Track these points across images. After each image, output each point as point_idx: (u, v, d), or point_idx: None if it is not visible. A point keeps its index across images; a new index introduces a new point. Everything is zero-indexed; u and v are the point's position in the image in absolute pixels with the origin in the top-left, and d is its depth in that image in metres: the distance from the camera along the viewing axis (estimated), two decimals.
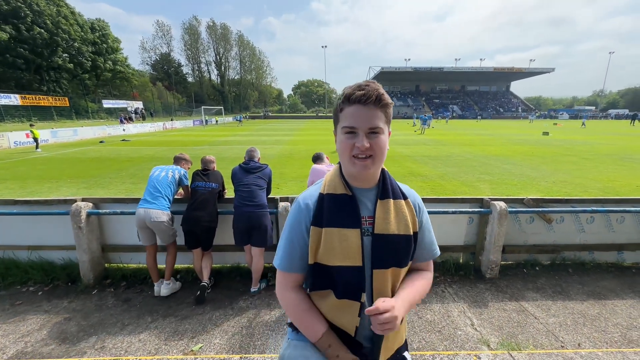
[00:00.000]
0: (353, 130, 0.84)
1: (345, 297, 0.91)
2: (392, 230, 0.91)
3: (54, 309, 2.88)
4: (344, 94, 0.85)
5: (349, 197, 0.92)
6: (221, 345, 2.41)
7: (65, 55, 43.22)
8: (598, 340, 2.45)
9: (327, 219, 0.90)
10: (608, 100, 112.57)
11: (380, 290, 0.91)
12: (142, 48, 77.78)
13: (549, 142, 18.07)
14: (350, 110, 0.84)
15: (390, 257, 0.91)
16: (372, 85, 0.84)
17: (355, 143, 0.83)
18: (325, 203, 0.92)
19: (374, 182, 0.96)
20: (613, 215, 3.58)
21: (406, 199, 0.98)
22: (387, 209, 0.92)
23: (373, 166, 0.87)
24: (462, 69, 70.01)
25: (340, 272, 0.89)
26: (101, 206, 3.36)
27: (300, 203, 0.96)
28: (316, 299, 0.98)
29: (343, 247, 0.88)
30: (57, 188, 7.60)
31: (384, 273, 0.90)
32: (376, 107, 0.83)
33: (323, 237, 0.89)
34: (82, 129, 22.07)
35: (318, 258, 0.91)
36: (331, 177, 0.97)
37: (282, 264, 0.96)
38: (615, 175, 8.98)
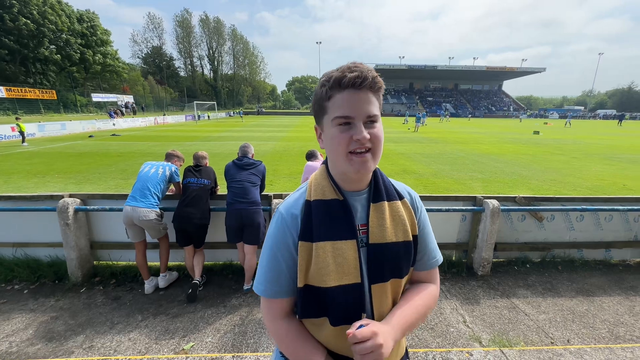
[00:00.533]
0: (348, 121, 0.70)
1: (344, 323, 0.77)
2: (390, 238, 0.79)
3: (40, 307, 2.80)
4: (332, 78, 0.70)
5: (340, 202, 0.78)
6: (213, 343, 2.38)
7: (53, 46, 42.08)
8: (586, 336, 2.50)
9: (318, 232, 0.76)
10: (597, 101, 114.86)
11: (380, 306, 0.79)
12: (132, 41, 76.11)
13: (539, 141, 18.35)
14: (343, 97, 0.70)
15: (389, 268, 0.79)
16: (362, 66, 0.71)
17: (353, 135, 0.69)
18: (314, 212, 0.77)
19: (366, 183, 0.82)
20: (602, 214, 3.64)
21: (402, 199, 0.85)
22: (382, 214, 0.79)
23: (373, 161, 0.73)
24: (455, 68, 70.44)
25: (337, 294, 0.75)
26: (89, 202, 3.28)
27: (284, 214, 0.79)
28: (310, 327, 0.83)
29: (339, 264, 0.75)
30: (44, 183, 7.41)
31: (383, 287, 0.79)
32: (371, 91, 0.71)
33: (314, 254, 0.75)
34: (70, 123, 21.54)
35: (309, 279, 0.77)
36: (317, 180, 0.82)
37: (268, 290, 0.79)
38: (603, 174, 9.16)
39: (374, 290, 0.78)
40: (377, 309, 0.79)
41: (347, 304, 0.77)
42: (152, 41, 77.96)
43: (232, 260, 3.50)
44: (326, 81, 0.71)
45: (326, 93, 0.72)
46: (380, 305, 0.80)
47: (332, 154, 0.76)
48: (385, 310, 0.81)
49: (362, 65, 0.71)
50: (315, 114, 0.78)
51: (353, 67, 0.70)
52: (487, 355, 2.27)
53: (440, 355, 2.27)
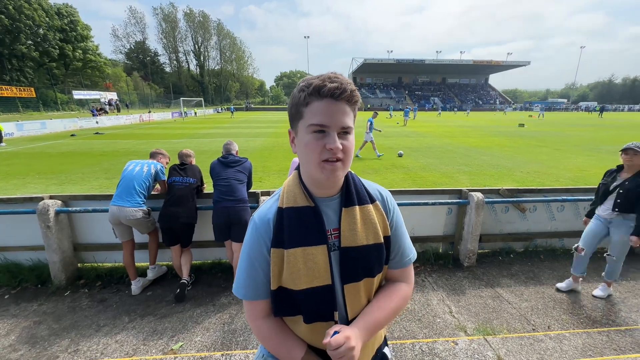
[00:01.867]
0: (323, 129, 0.71)
1: (317, 320, 0.82)
2: (361, 242, 0.81)
3: (22, 312, 2.73)
4: (312, 85, 0.71)
5: (311, 209, 0.80)
6: (202, 342, 2.38)
7: (30, 42, 40.45)
8: (566, 322, 2.60)
9: (289, 239, 0.79)
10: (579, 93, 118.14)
11: (353, 304, 0.83)
12: (114, 36, 73.90)
13: (524, 134, 18.77)
14: (320, 105, 0.71)
15: (361, 269, 0.83)
16: (341, 78, 0.73)
17: (326, 144, 0.71)
18: (286, 219, 0.80)
19: (338, 188, 0.84)
20: (581, 204, 3.77)
21: (374, 202, 0.87)
22: (353, 218, 0.82)
23: (343, 170, 0.76)
24: (442, 62, 71.08)
25: (308, 295, 0.79)
26: (71, 204, 3.19)
27: (257, 221, 0.83)
28: (288, 323, 0.88)
29: (309, 268, 0.78)
30: (23, 185, 7.17)
31: (356, 286, 0.83)
32: (348, 103, 0.73)
33: (286, 260, 0.79)
34: (51, 122, 20.81)
35: (282, 282, 0.81)
36: (290, 187, 0.84)
37: (247, 293, 0.83)
38: (584, 165, 9.46)
39: (346, 290, 0.82)
40: (350, 307, 0.83)
41: (319, 304, 0.81)
42: (134, 36, 76.01)
43: (221, 258, 3.48)
44: (305, 87, 0.72)
45: (304, 99, 0.72)
46: (354, 303, 0.84)
47: (304, 160, 0.77)
48: (358, 307, 0.84)
49: (342, 76, 0.73)
50: (290, 118, 0.79)
51: (333, 78, 0.72)
52: (472, 344, 2.34)
53: (427, 346, 2.33)
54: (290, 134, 0.82)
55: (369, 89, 74.15)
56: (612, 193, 2.75)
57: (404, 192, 3.53)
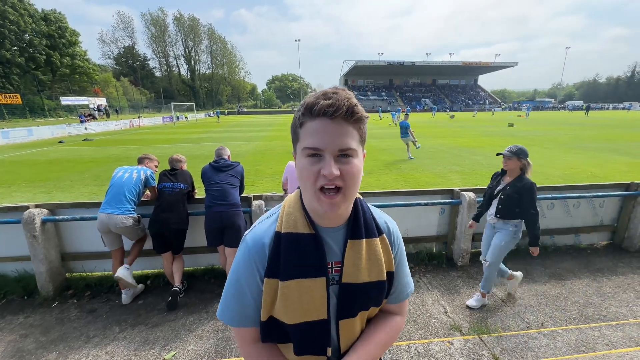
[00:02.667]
0: (318, 153, 0.63)
1: (309, 354, 0.77)
2: (363, 279, 0.75)
3: (7, 325, 2.65)
4: (304, 104, 0.64)
5: (312, 237, 0.72)
6: (196, 351, 2.33)
7: (15, 48, 39.67)
8: (559, 318, 2.63)
9: (285, 270, 0.71)
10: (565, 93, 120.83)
11: (347, 338, 0.79)
12: (101, 41, 72.93)
13: (513, 133, 19.07)
14: (314, 126, 0.63)
15: (358, 305, 0.77)
16: (341, 92, 0.64)
17: (321, 170, 0.62)
18: (283, 246, 0.72)
19: (344, 218, 0.76)
20: (570, 201, 3.83)
21: (381, 235, 0.80)
22: (359, 252, 0.74)
23: (344, 203, 0.67)
24: (432, 63, 71.96)
25: (301, 330, 0.74)
26: (58, 212, 3.12)
27: (250, 244, 0.74)
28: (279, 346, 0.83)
29: (305, 302, 0.72)
30: (9, 194, 6.99)
31: (352, 321, 0.78)
32: (347, 122, 0.63)
33: (280, 292, 0.71)
34: (38, 129, 20.37)
35: (274, 313, 0.74)
36: (290, 209, 0.76)
37: (234, 320, 0.76)
38: (572, 163, 9.65)
39: (341, 325, 0.77)
40: (344, 341, 0.79)
41: (312, 339, 0.76)
42: (123, 41, 75.15)
43: (214, 264, 3.43)
44: (301, 106, 0.66)
45: (299, 119, 0.66)
46: (348, 337, 0.79)
47: (302, 187, 0.70)
48: (352, 339, 0.80)
49: (342, 91, 0.65)
50: (292, 140, 0.72)
51: (330, 93, 0.63)
52: (467, 344, 2.34)
53: (422, 347, 2.33)
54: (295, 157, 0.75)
55: (361, 91, 74.60)
56: (496, 198, 2.64)
57: (397, 193, 3.55)
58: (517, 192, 2.48)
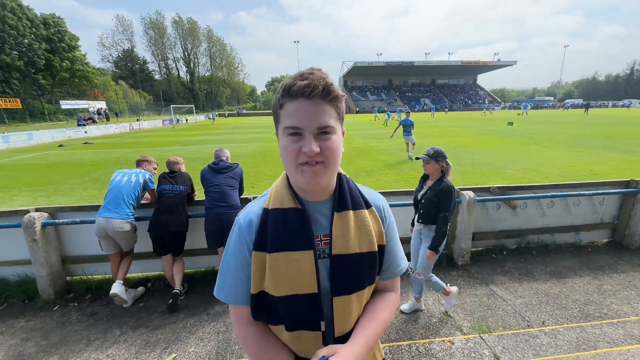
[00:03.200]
0: (298, 131, 0.66)
1: (301, 329, 0.77)
2: (354, 249, 0.76)
3: (8, 329, 2.65)
4: (283, 86, 0.67)
5: (298, 211, 0.75)
6: (197, 353, 2.33)
7: (14, 52, 39.75)
8: (560, 317, 2.62)
9: (272, 242, 0.74)
10: (565, 91, 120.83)
11: (341, 318, 0.77)
12: (101, 45, 73.14)
13: (513, 132, 19.07)
14: (292, 106, 0.66)
15: (353, 280, 0.77)
16: (317, 73, 0.66)
17: (302, 147, 0.66)
18: (270, 221, 0.75)
19: (329, 192, 0.79)
20: (570, 199, 3.83)
21: (369, 207, 0.82)
22: (346, 224, 0.76)
23: (326, 174, 0.70)
24: (431, 63, 72.06)
25: (290, 302, 0.74)
26: (58, 216, 3.12)
27: (241, 222, 0.78)
28: (273, 330, 0.83)
29: (292, 275, 0.73)
30: (10, 198, 6.99)
31: (347, 300, 0.77)
32: (324, 100, 0.66)
33: (268, 264, 0.73)
34: (38, 133, 20.41)
35: (264, 287, 0.76)
36: (277, 188, 0.79)
37: (229, 296, 0.79)
38: (572, 161, 9.64)
39: (336, 302, 0.76)
40: (338, 321, 0.77)
41: (302, 313, 0.76)
42: (122, 44, 75.35)
43: (214, 266, 3.43)
44: (280, 88, 0.68)
45: (278, 101, 0.69)
46: (342, 317, 0.77)
47: (285, 165, 0.72)
48: (347, 323, 0.78)
49: (318, 71, 0.67)
50: (274, 122, 0.75)
51: (307, 74, 0.66)
52: (468, 343, 2.34)
53: (423, 346, 2.32)
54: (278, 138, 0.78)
55: (360, 92, 74.69)
56: (420, 202, 2.54)
57: (396, 193, 3.55)
58: (436, 196, 2.39)
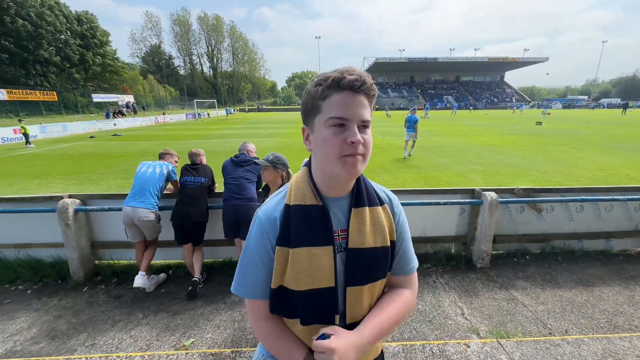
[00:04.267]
0: (343, 122, 0.69)
1: (316, 322, 0.79)
2: (369, 244, 0.79)
3: (43, 307, 2.84)
4: (330, 78, 0.69)
5: (319, 208, 0.78)
6: (213, 339, 2.41)
7: (52, 48, 42.09)
8: (585, 326, 2.50)
9: (295, 238, 0.76)
10: (601, 90, 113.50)
11: (354, 309, 0.81)
12: (131, 39, 76.20)
13: (541, 132, 18.20)
14: (339, 98, 0.68)
15: (366, 273, 0.80)
16: (358, 71, 0.70)
17: (347, 138, 0.68)
18: (292, 217, 0.77)
19: (348, 189, 0.82)
20: (602, 204, 3.62)
21: (383, 204, 0.85)
22: (362, 219, 0.80)
23: (363, 166, 0.73)
24: (456, 59, 69.79)
25: (310, 296, 0.77)
26: (89, 202, 3.31)
27: (262, 218, 0.80)
28: (287, 323, 0.85)
29: (313, 269, 0.76)
30: (46, 185, 7.47)
31: (360, 290, 0.80)
32: (367, 96, 0.71)
33: (290, 259, 0.76)
34: (71, 124, 21.66)
35: (284, 281, 0.79)
36: (298, 184, 0.81)
37: (248, 292, 0.82)
38: (605, 164, 9.08)
39: (349, 292, 0.80)
40: (350, 311, 0.81)
41: (320, 306, 0.79)
42: (150, 40, 78.03)
43: (232, 257, 3.52)
44: (323, 80, 0.70)
45: (322, 92, 0.70)
46: (354, 307, 0.81)
47: (322, 157, 0.73)
48: (358, 312, 0.81)
49: (358, 70, 0.71)
50: (305, 113, 0.76)
51: (351, 70, 0.70)
52: (484, 347, 2.28)
53: (437, 348, 2.29)
54: (304, 131, 0.79)
55: (381, 89, 73.54)
56: None
57: (415, 192, 3.48)
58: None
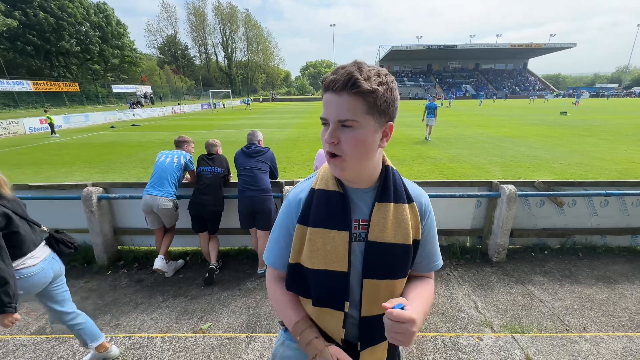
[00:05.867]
0: (324, 122, 0.73)
1: (326, 306, 0.84)
2: (389, 239, 0.80)
3: (71, 288, 2.95)
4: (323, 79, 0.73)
5: (340, 195, 0.82)
6: (229, 324, 2.50)
7: (73, 39, 43.22)
8: (604, 324, 2.44)
9: (314, 218, 0.82)
10: (633, 77, 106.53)
11: (370, 301, 0.83)
12: (147, 30, 77.31)
13: (566, 123, 17.39)
14: (325, 98, 0.72)
15: (384, 267, 0.82)
16: (348, 67, 0.69)
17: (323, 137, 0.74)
18: (315, 200, 0.83)
19: (371, 182, 0.84)
20: (628, 199, 3.46)
21: (411, 202, 0.85)
22: (385, 214, 0.81)
23: (347, 166, 0.74)
24: (476, 46, 66.94)
25: (321, 276, 0.81)
26: (111, 191, 3.44)
27: (290, 198, 0.89)
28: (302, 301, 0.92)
29: (327, 250, 0.80)
30: (71, 173, 7.81)
31: (377, 284, 0.82)
32: (349, 94, 0.67)
33: (307, 237, 0.82)
34: (93, 115, 22.39)
35: (300, 259, 0.84)
36: (325, 171, 0.87)
37: (269, 259, 0.91)
38: (635, 156, 8.62)
39: (366, 284, 0.82)
40: (366, 304, 0.83)
41: (330, 289, 0.83)
42: (166, 30, 78.75)
43: (247, 245, 3.61)
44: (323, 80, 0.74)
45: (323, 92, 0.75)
46: (371, 301, 0.83)
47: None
48: (374, 305, 0.82)
49: (350, 66, 0.69)
50: None
51: (339, 68, 0.70)
52: (498, 341, 2.26)
53: (449, 340, 2.29)
54: None
55: (397, 78, 71.77)
56: None
57: (430, 183, 3.43)
58: None
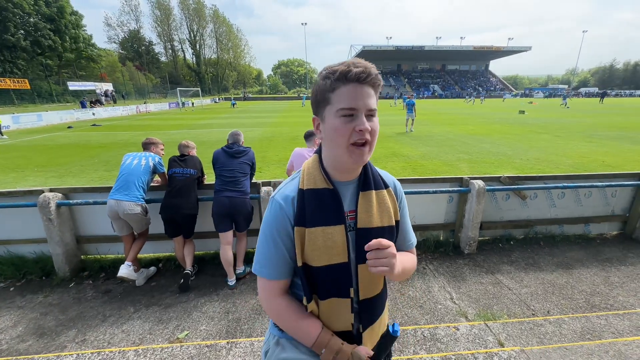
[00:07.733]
0: (352, 112, 0.75)
1: (333, 296, 0.87)
2: (376, 223, 0.88)
3: (28, 304, 2.76)
4: (337, 72, 0.75)
5: (330, 191, 0.86)
6: (207, 331, 2.42)
7: (21, 32, 39.51)
8: (565, 307, 2.64)
9: (310, 218, 0.84)
10: (580, 79, 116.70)
11: (366, 284, 0.89)
12: (106, 24, 72.13)
13: (524, 121, 18.67)
14: (347, 89, 0.74)
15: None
16: (364, 62, 0.76)
17: (356, 126, 0.75)
18: (307, 200, 0.85)
19: (356, 174, 0.90)
20: (581, 191, 3.78)
21: (387, 188, 0.94)
22: (369, 201, 0.88)
23: (369, 153, 0.80)
24: (442, 48, 69.99)
25: (327, 272, 0.85)
26: (72, 196, 3.18)
27: (280, 202, 0.86)
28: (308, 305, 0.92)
29: (328, 246, 0.84)
30: (23, 178, 7.14)
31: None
32: (372, 87, 0.76)
33: (307, 238, 0.84)
34: (47, 114, 20.58)
35: (305, 259, 0.85)
36: (309, 170, 0.89)
37: (270, 272, 0.87)
38: (584, 151, 9.44)
39: (360, 269, 0.88)
40: (362, 288, 0.89)
41: (336, 280, 0.87)
42: (128, 24, 74.16)
43: None
44: (331, 74, 0.76)
45: (330, 85, 0.76)
46: (366, 284, 0.90)
47: (333, 145, 0.80)
48: (369, 289, 0.91)
49: (364, 61, 0.76)
50: (315, 105, 0.83)
51: (357, 63, 0.75)
52: (473, 329, 2.38)
53: (428, 331, 2.37)
54: (315, 121, 0.86)
55: None
56: None
57: (404, 180, 3.53)
58: None
